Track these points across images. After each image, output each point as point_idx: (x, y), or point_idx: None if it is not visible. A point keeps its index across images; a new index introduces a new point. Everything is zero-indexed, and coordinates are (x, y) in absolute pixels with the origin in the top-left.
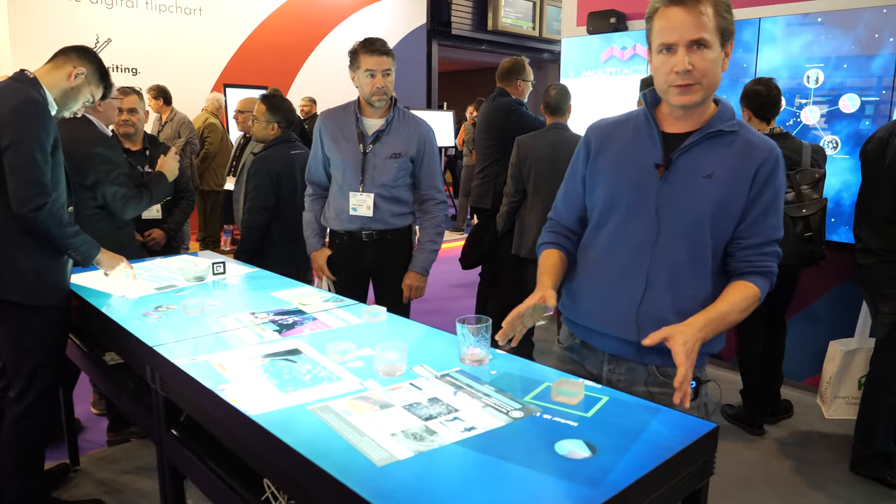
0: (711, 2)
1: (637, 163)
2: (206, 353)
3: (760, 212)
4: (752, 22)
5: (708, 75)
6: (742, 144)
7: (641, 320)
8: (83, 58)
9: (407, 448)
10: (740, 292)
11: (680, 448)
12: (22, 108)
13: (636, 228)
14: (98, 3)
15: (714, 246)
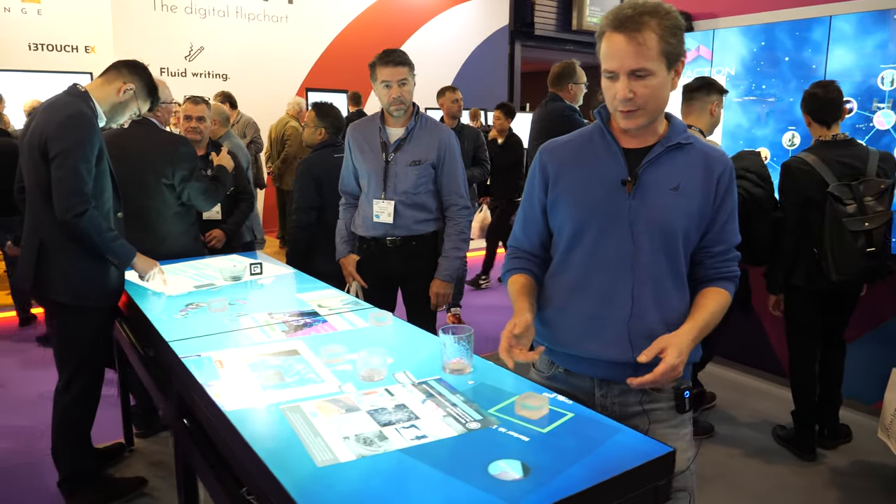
0: (655, 28)
1: (602, 180)
2: (211, 350)
3: (724, 220)
4: (823, 20)
5: (651, 101)
6: (700, 156)
7: (633, 338)
8: (133, 74)
9: (352, 452)
10: (717, 300)
11: (621, 470)
12: (69, 122)
13: (612, 247)
14: (193, 14)
15: (685, 255)
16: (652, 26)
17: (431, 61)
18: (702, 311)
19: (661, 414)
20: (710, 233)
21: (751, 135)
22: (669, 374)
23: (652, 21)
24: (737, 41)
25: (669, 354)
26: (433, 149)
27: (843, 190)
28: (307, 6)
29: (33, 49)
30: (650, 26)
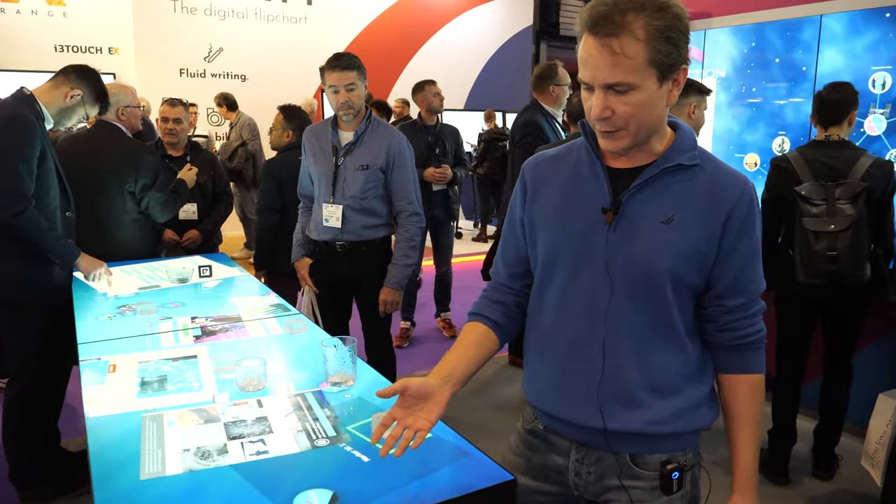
0: (639, 31)
1: (581, 207)
2: (112, 354)
3: (743, 264)
4: (813, 20)
5: (635, 121)
6: (708, 181)
7: (604, 401)
8: (81, 80)
9: (182, 465)
10: (749, 401)
11: (448, 497)
12: (8, 124)
13: (585, 288)
14: (212, 16)
15: (679, 303)
16: (634, 28)
17: (452, 62)
18: (743, 444)
19: (641, 493)
20: (721, 281)
21: (741, 140)
22: None
23: (636, 21)
24: (728, 42)
25: None
26: (382, 153)
27: (817, 190)
28: (326, 7)
29: (59, 50)
30: (632, 29)
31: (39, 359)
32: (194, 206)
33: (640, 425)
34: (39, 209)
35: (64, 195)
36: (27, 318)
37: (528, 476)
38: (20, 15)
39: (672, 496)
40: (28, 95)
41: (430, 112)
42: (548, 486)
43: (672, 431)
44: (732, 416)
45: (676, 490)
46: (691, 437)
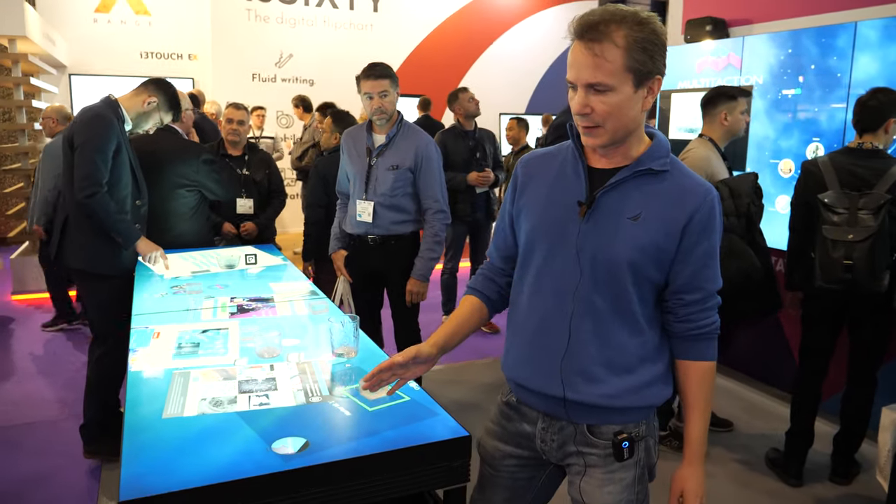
0: (620, 40)
1: (561, 201)
2: (158, 324)
3: (700, 264)
4: (848, 26)
5: (611, 119)
6: (674, 187)
7: (566, 374)
8: (158, 90)
9: (198, 409)
10: (698, 386)
11: (409, 445)
12: (91, 121)
13: (557, 273)
14: (283, 23)
15: (639, 294)
16: (616, 38)
17: (514, 67)
18: (692, 414)
19: (595, 459)
20: (679, 277)
21: (776, 146)
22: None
23: (618, 31)
24: (765, 49)
25: (688, 495)
26: (410, 155)
27: (840, 198)
28: (392, 15)
29: (144, 57)
30: (613, 38)
31: (115, 324)
32: (251, 202)
33: (595, 398)
34: (111, 195)
35: (136, 187)
36: (102, 287)
37: (503, 441)
38: (111, 24)
39: (624, 462)
40: (113, 101)
41: (468, 117)
42: (520, 450)
43: (624, 405)
44: (685, 398)
45: (628, 457)
46: (644, 411)
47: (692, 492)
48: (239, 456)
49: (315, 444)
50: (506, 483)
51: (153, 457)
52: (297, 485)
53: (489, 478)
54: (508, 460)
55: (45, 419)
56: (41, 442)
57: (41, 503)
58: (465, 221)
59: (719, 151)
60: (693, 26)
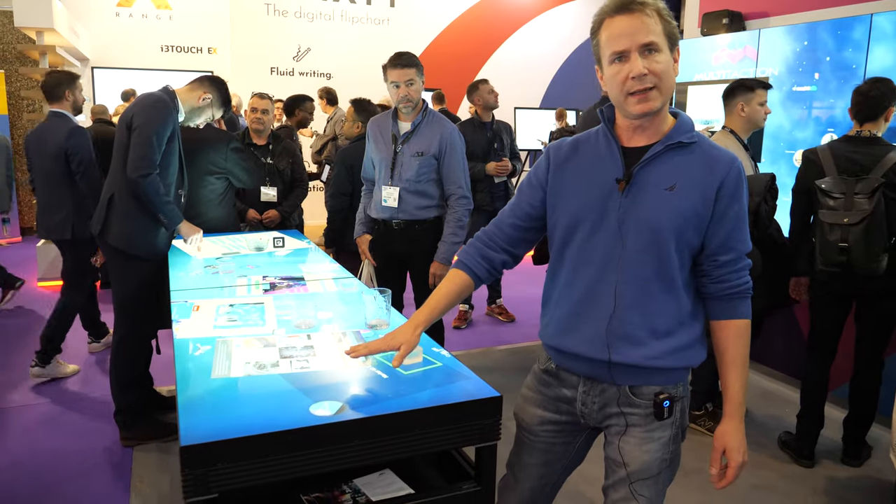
0: (654, 7)
1: (599, 180)
2: (198, 299)
3: (732, 226)
4: (863, 18)
5: (664, 79)
6: (703, 156)
7: (611, 339)
8: (213, 86)
9: (244, 371)
10: (736, 342)
11: (440, 404)
12: (153, 104)
13: (601, 245)
14: (301, 18)
15: (680, 259)
16: (650, 7)
17: (529, 61)
18: (731, 373)
19: (637, 419)
20: (715, 239)
21: (791, 136)
22: (740, 472)
23: (649, 3)
24: (781, 41)
25: (732, 459)
26: (435, 142)
27: (837, 184)
28: (408, 9)
29: (165, 50)
30: (647, 9)
31: (141, 311)
32: (274, 190)
33: (638, 359)
34: (160, 177)
35: (181, 176)
36: (133, 269)
37: (540, 408)
38: (132, 18)
39: (663, 422)
40: (171, 91)
41: (487, 109)
42: (558, 416)
43: (665, 366)
44: (723, 357)
45: (667, 417)
46: (681, 373)
47: (735, 447)
48: (283, 410)
49: (354, 401)
50: (542, 447)
51: (206, 409)
52: (338, 437)
53: (527, 443)
54: (547, 426)
55: (76, 399)
56: (74, 420)
57: (75, 480)
58: (486, 211)
59: (741, 143)
60: (710, 19)
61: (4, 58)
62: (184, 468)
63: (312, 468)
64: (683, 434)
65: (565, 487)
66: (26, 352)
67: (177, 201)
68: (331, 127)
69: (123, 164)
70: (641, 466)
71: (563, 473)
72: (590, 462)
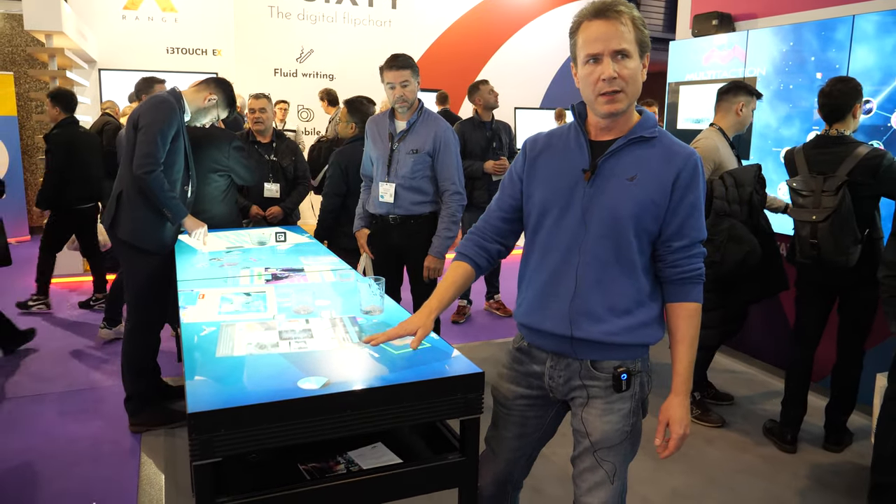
0: (629, 16)
1: (567, 170)
2: (203, 287)
3: (686, 214)
4: (846, 20)
5: (631, 83)
6: (663, 150)
7: (574, 315)
8: (219, 88)
9: (246, 350)
10: (686, 323)
11: (427, 378)
12: (157, 105)
13: (566, 230)
14: (304, 20)
15: (639, 244)
16: (625, 16)
17: (529, 62)
18: (680, 349)
19: (597, 391)
20: (670, 227)
21: (778, 134)
22: (681, 444)
23: (625, 12)
24: (768, 42)
25: (674, 431)
26: (429, 140)
27: (807, 182)
28: (410, 11)
29: (170, 52)
30: (623, 16)
31: (149, 302)
32: (277, 186)
33: (598, 335)
34: (164, 176)
35: (187, 173)
36: (142, 262)
37: (514, 383)
38: (138, 21)
39: (622, 394)
40: (177, 92)
41: (487, 109)
42: (529, 391)
43: (623, 342)
44: (673, 336)
45: (625, 389)
46: (639, 349)
47: (677, 420)
48: (281, 384)
49: (346, 377)
50: (517, 420)
51: (211, 383)
52: (331, 408)
53: (502, 417)
54: (519, 400)
55: (88, 387)
56: (86, 408)
57: (85, 464)
58: (482, 208)
59: (728, 141)
60: (700, 20)
61: (14, 60)
62: (191, 433)
63: (307, 436)
64: (645, 409)
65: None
66: (37, 343)
67: (183, 197)
68: (332, 128)
69: (131, 161)
70: (603, 436)
71: (536, 446)
72: None
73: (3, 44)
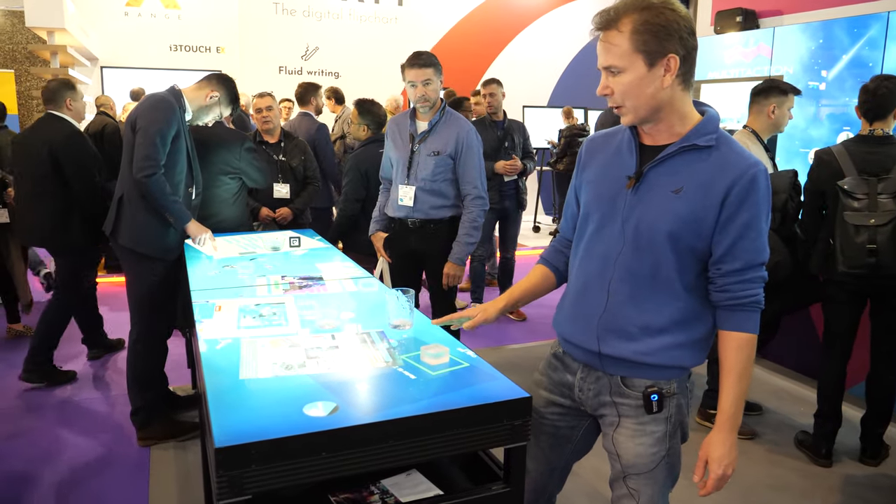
0: (623, 29)
1: (614, 175)
2: (218, 298)
3: (738, 234)
4: (880, 16)
5: (628, 98)
6: (718, 160)
7: (601, 331)
8: (220, 84)
9: (272, 371)
10: (734, 355)
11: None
12: (155, 105)
13: (605, 240)
14: (310, 17)
15: (679, 263)
16: (620, 26)
17: (537, 60)
18: (726, 389)
19: (628, 410)
20: (720, 247)
21: (806, 135)
22: (721, 484)
23: (624, 19)
24: (796, 39)
25: (713, 471)
26: (451, 142)
27: (859, 184)
28: (417, 8)
29: (174, 50)
30: (618, 26)
31: (155, 311)
32: (287, 187)
33: (628, 353)
34: (166, 178)
35: (190, 175)
36: (145, 270)
37: (547, 391)
38: (141, 18)
39: (655, 416)
40: (177, 91)
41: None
42: (562, 399)
43: (655, 363)
44: (722, 366)
45: (657, 410)
46: (675, 371)
47: (716, 459)
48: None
49: (385, 402)
50: (549, 430)
51: (237, 410)
52: (372, 438)
53: (535, 426)
54: (552, 408)
55: (94, 399)
56: (93, 421)
57: (94, 480)
58: (494, 209)
59: (762, 143)
60: (723, 17)
61: (14, 57)
62: (218, 469)
63: (347, 469)
64: (684, 435)
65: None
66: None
67: (187, 200)
68: (339, 126)
69: (130, 164)
70: (635, 460)
71: (570, 458)
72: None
73: (4, 41)
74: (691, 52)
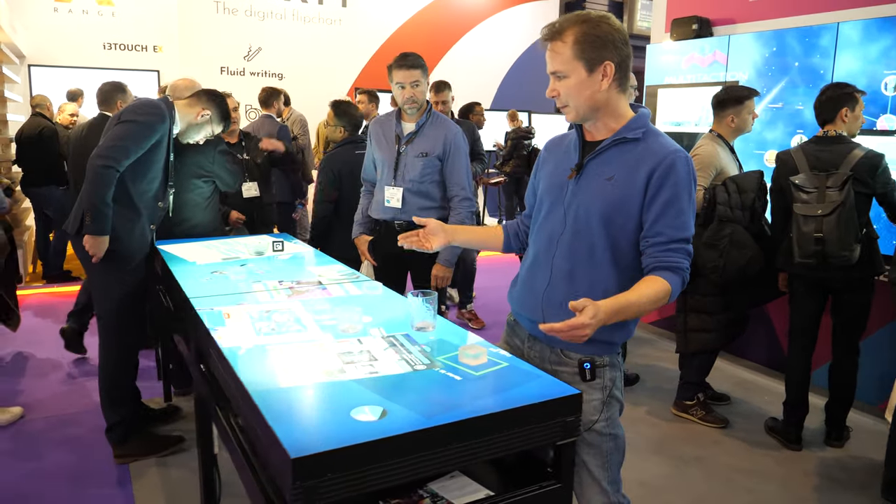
0: (569, 37)
1: (563, 168)
2: (223, 306)
3: (660, 211)
4: (830, 27)
5: (572, 98)
6: (643, 150)
7: (545, 305)
8: (211, 102)
9: (313, 378)
10: (649, 285)
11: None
12: (145, 106)
13: (551, 222)
14: (252, 16)
15: (611, 241)
16: (564, 37)
17: (480, 63)
18: (631, 292)
19: (566, 377)
20: (646, 224)
21: (761, 138)
22: (575, 331)
23: (567, 31)
24: (750, 47)
25: (584, 313)
26: (439, 143)
27: (810, 179)
28: (361, 9)
29: (107, 48)
30: (563, 37)
31: (124, 314)
32: (255, 185)
33: None
34: (134, 187)
35: (163, 189)
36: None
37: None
38: (72, 14)
39: (591, 384)
40: (170, 102)
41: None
42: None
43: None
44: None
45: (590, 378)
46: (606, 346)
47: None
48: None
49: (438, 405)
50: None
51: (294, 419)
52: (435, 441)
53: None
54: None
55: (72, 413)
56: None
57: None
58: None
59: (728, 146)
60: (679, 25)
61: None
62: (294, 481)
63: (413, 473)
64: (620, 407)
65: None
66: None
67: (154, 212)
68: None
69: None
70: None
71: None
72: None
73: None
74: (625, 60)
